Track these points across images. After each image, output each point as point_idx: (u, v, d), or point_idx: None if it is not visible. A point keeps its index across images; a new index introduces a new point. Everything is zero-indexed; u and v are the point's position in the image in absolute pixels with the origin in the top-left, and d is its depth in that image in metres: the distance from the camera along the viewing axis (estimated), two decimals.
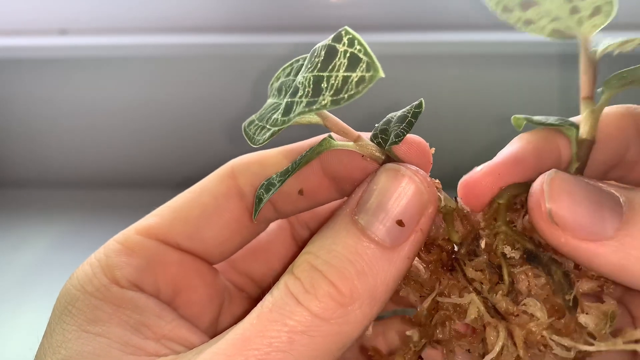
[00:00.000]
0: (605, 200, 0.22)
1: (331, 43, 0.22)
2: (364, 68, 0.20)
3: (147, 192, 0.95)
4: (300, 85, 0.23)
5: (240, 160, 0.29)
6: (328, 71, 0.22)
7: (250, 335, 0.22)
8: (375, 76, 0.20)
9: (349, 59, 0.21)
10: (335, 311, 0.22)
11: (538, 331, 0.24)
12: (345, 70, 0.21)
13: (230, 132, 0.90)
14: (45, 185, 0.97)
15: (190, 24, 0.85)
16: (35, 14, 0.85)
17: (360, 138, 0.26)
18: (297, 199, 0.28)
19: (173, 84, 0.87)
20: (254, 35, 0.83)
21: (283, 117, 0.23)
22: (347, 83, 0.21)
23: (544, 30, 0.26)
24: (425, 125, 0.97)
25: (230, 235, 0.29)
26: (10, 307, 0.72)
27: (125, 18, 0.85)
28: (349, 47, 0.21)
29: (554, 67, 0.81)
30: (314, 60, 0.23)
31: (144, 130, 0.92)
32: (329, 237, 0.24)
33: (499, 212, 0.26)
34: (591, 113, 0.26)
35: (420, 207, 0.24)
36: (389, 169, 0.25)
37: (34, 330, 0.71)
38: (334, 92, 0.21)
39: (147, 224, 0.28)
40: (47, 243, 0.84)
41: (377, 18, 0.84)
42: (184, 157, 0.94)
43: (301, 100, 0.22)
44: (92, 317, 0.24)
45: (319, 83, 0.22)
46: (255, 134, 0.26)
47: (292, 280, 0.23)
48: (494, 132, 0.86)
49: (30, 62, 0.85)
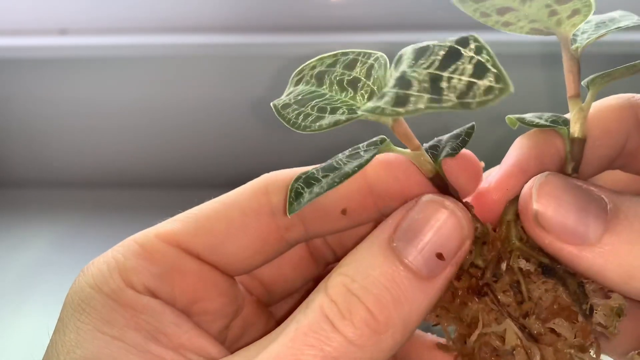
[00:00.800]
0: (591, 206, 0.23)
1: (454, 45, 0.21)
2: (492, 80, 0.19)
3: (147, 192, 0.95)
4: (413, 79, 0.21)
5: (275, 175, 0.28)
6: (449, 72, 0.20)
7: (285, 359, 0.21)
8: (505, 90, 0.19)
9: (475, 65, 0.20)
10: (370, 338, 0.22)
11: (567, 350, 0.24)
12: (470, 76, 0.20)
13: (230, 132, 0.90)
14: (45, 185, 0.97)
15: (190, 24, 0.85)
16: (35, 14, 0.85)
17: (421, 148, 0.25)
18: (337, 218, 0.27)
19: (173, 84, 0.87)
20: (254, 35, 0.83)
21: (395, 107, 0.20)
22: (472, 89, 0.20)
23: (523, 29, 0.26)
24: (425, 125, 0.97)
25: (254, 253, 0.28)
26: (10, 307, 0.72)
27: (126, 18, 0.85)
28: (476, 54, 0.20)
29: (553, 67, 0.81)
30: (428, 56, 0.21)
31: (144, 130, 0.92)
32: (365, 260, 0.23)
33: (509, 229, 0.26)
34: (579, 111, 0.26)
35: (460, 241, 0.24)
36: (433, 199, 0.25)
37: (34, 330, 0.71)
38: (459, 95, 0.20)
39: (169, 229, 0.27)
40: (47, 243, 0.84)
41: (377, 18, 0.84)
42: (183, 157, 0.94)
43: (421, 95, 0.20)
44: (108, 319, 0.24)
45: (437, 81, 0.20)
46: (299, 119, 0.24)
47: (328, 303, 0.22)
48: (494, 132, 0.86)
49: (30, 62, 0.85)
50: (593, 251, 0.22)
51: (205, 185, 0.93)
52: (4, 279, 0.76)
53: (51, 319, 0.63)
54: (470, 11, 0.26)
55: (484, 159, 0.28)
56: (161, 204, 0.92)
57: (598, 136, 0.27)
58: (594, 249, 0.22)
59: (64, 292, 0.27)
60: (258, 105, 0.86)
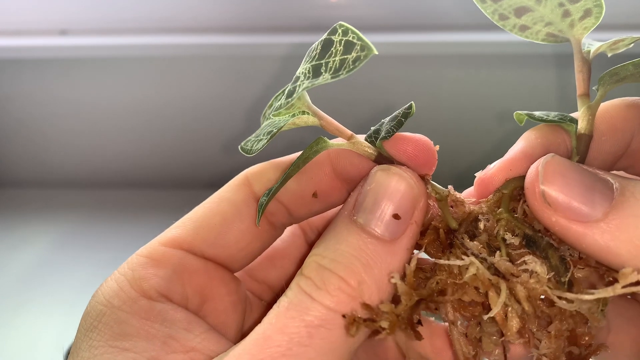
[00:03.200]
0: (597, 185, 0.23)
1: (327, 37, 0.25)
2: (358, 49, 0.23)
3: (147, 192, 0.95)
4: (301, 74, 0.25)
5: (254, 168, 0.30)
6: (326, 58, 0.25)
7: (270, 334, 0.22)
8: (369, 54, 0.23)
9: (344, 45, 0.24)
10: (348, 303, 0.23)
11: (540, 287, 0.24)
12: (342, 55, 0.24)
13: (230, 132, 0.90)
14: (45, 185, 0.97)
15: (191, 24, 0.85)
16: (36, 14, 0.85)
17: (354, 137, 0.28)
18: (311, 201, 0.30)
19: (173, 84, 0.87)
20: (254, 36, 0.83)
21: (287, 99, 0.25)
22: (345, 63, 0.24)
23: (539, 35, 0.28)
24: (426, 125, 0.97)
25: (251, 239, 0.30)
26: (10, 307, 0.72)
27: (125, 18, 0.85)
28: (343, 36, 0.24)
29: (552, 67, 0.82)
30: (312, 54, 0.26)
31: (144, 130, 0.92)
32: (332, 238, 0.25)
33: (502, 201, 0.27)
34: (588, 109, 0.27)
35: (412, 200, 0.26)
36: (380, 169, 0.27)
37: (34, 330, 0.71)
38: (334, 72, 0.24)
39: (170, 235, 0.29)
40: (47, 243, 0.84)
41: (377, 18, 0.84)
42: (183, 157, 0.94)
43: (302, 82, 0.25)
44: (119, 332, 0.25)
45: (319, 69, 0.25)
46: (251, 147, 0.29)
47: (304, 280, 0.24)
48: (494, 132, 0.86)
49: (31, 62, 0.86)
50: (599, 227, 0.22)
51: (205, 185, 0.93)
52: (4, 279, 0.76)
53: (51, 319, 0.64)
54: (489, 12, 0.28)
55: (492, 156, 0.29)
56: (161, 204, 0.92)
57: (604, 131, 0.27)
58: (600, 225, 0.22)
59: (64, 292, 0.27)
60: (258, 105, 0.86)
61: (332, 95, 0.68)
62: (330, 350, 0.22)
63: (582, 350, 0.26)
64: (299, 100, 0.27)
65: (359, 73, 0.27)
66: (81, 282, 0.74)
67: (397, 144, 0.27)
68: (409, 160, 0.27)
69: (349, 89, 0.83)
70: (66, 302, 0.71)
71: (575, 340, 0.26)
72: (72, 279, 0.75)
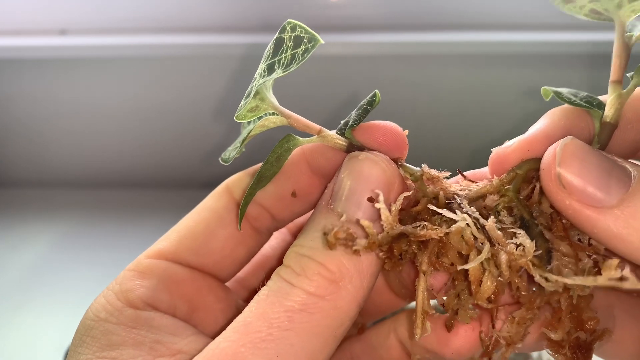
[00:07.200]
0: (614, 171, 0.23)
1: (278, 35, 0.27)
2: (306, 42, 0.25)
3: (146, 192, 0.95)
4: (258, 75, 0.27)
5: (233, 177, 0.31)
6: (278, 56, 0.26)
7: (251, 320, 0.23)
8: (315, 44, 0.25)
9: (293, 40, 0.26)
10: (328, 287, 0.23)
11: (523, 259, 0.24)
12: (292, 50, 0.26)
13: (230, 132, 0.90)
14: (45, 185, 0.97)
15: (190, 24, 0.85)
16: (36, 14, 0.85)
17: (323, 131, 0.28)
18: (291, 202, 0.30)
19: (173, 84, 0.87)
20: (254, 36, 0.83)
21: (245, 100, 0.26)
22: (295, 57, 0.25)
23: (583, 10, 0.27)
24: (426, 125, 0.97)
25: (235, 245, 0.30)
26: (11, 307, 0.72)
27: (126, 18, 0.85)
28: (292, 32, 0.26)
29: (552, 67, 0.81)
30: (267, 54, 0.27)
31: (143, 130, 0.92)
32: (310, 229, 0.25)
33: (515, 180, 0.26)
34: (618, 97, 0.26)
35: (385, 183, 0.26)
36: (351, 156, 0.27)
37: (34, 330, 0.71)
38: (285, 66, 0.26)
39: (156, 249, 0.29)
40: (47, 243, 0.84)
41: (377, 18, 0.84)
42: (183, 157, 0.94)
43: (258, 81, 0.26)
44: (106, 343, 0.25)
45: (272, 67, 0.26)
46: (229, 155, 0.30)
47: (283, 269, 0.24)
48: (494, 132, 0.86)
49: (30, 62, 0.85)
50: (613, 214, 0.22)
51: (205, 185, 0.93)
52: (4, 279, 0.76)
53: (51, 319, 0.64)
54: None
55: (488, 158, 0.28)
56: (161, 204, 0.92)
57: (630, 119, 0.27)
58: (614, 211, 0.22)
59: (64, 292, 0.27)
60: None
61: (331, 97, 0.68)
62: (314, 335, 0.22)
63: (588, 336, 0.26)
64: (263, 102, 0.28)
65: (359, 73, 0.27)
66: (81, 282, 0.74)
67: (366, 132, 0.28)
68: (379, 146, 0.27)
69: (349, 90, 0.83)
70: (66, 302, 0.71)
71: (581, 325, 0.26)
72: (72, 279, 0.75)
